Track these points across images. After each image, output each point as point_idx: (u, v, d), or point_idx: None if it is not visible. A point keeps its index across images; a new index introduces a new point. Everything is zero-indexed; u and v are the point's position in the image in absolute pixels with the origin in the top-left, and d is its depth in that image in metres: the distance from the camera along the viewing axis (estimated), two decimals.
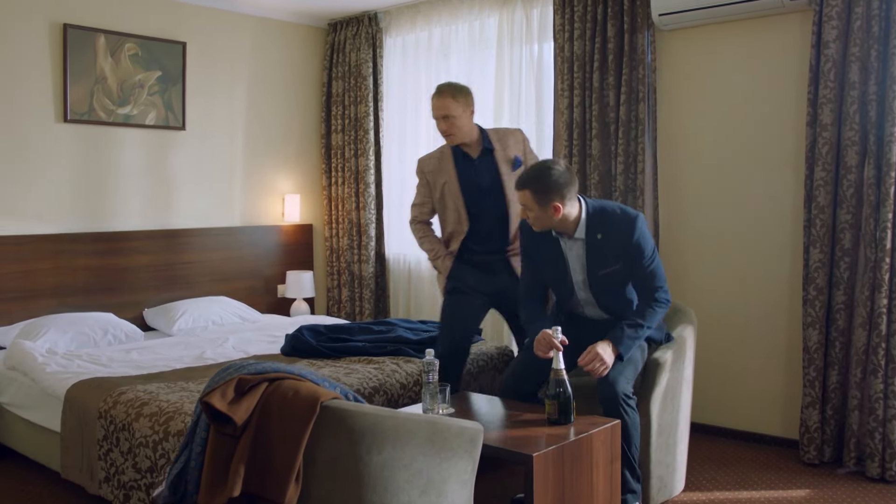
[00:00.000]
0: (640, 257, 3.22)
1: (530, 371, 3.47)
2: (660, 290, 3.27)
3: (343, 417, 2.14)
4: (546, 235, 3.32)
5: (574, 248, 3.30)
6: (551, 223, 3.21)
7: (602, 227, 3.24)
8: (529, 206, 3.18)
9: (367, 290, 5.98)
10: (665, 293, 3.29)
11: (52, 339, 4.39)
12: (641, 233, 3.21)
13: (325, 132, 6.22)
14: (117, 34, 5.04)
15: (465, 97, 3.74)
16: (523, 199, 3.19)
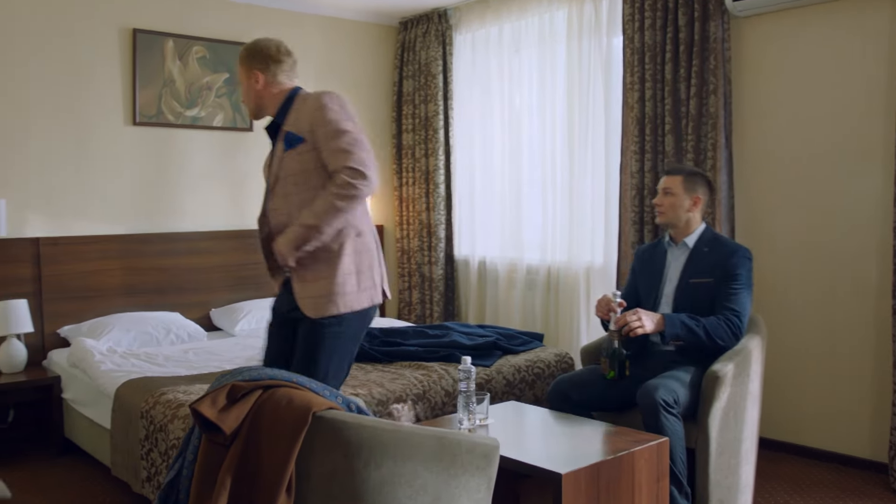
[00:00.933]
0: (732, 279, 3.28)
1: (585, 384, 3.35)
2: (735, 314, 3.26)
3: (338, 429, 2.01)
4: (657, 247, 3.56)
5: (678, 256, 3.46)
6: (679, 216, 3.41)
7: (711, 244, 3.41)
8: (674, 190, 3.40)
9: (437, 293, 5.87)
10: (739, 321, 3.26)
11: (115, 338, 4.47)
12: (743, 261, 3.31)
13: (396, 132, 6.15)
14: (185, 37, 5.10)
15: (249, 60, 2.85)
16: (669, 183, 3.41)
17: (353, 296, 2.72)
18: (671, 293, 3.44)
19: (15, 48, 4.54)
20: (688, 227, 3.44)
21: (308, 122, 2.72)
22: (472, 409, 3.04)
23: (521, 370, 3.99)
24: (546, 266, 5.23)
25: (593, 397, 3.34)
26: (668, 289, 3.46)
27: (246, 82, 2.89)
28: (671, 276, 3.46)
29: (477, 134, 5.72)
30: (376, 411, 3.40)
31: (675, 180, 3.42)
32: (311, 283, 2.73)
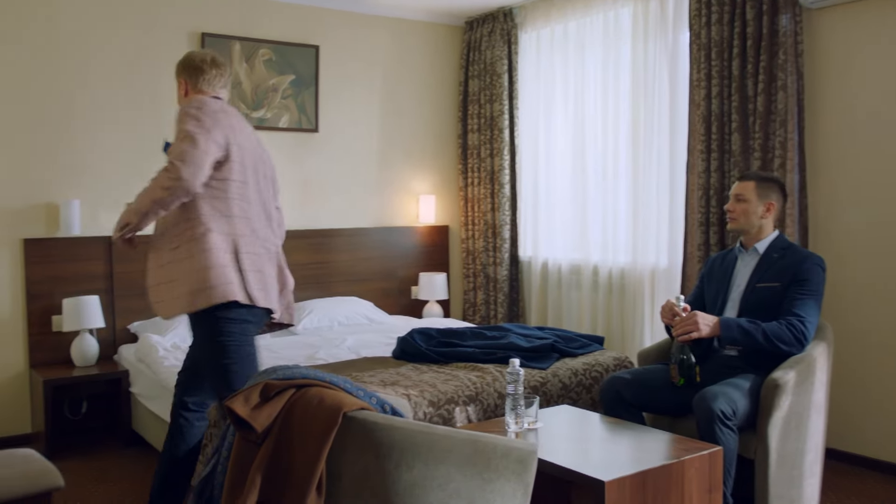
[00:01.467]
0: (800, 285, 3.18)
1: (640, 383, 3.28)
2: (800, 319, 3.13)
3: (369, 430, 2.00)
4: (728, 254, 3.49)
5: (748, 262, 3.38)
6: (751, 222, 3.34)
7: (783, 251, 3.31)
8: (747, 196, 3.32)
9: (501, 294, 5.83)
10: (803, 326, 3.13)
11: (181, 334, 4.57)
12: (814, 268, 3.21)
13: (461, 132, 6.13)
14: (252, 40, 5.19)
15: (178, 69, 3.01)
16: (742, 189, 3.34)
17: (221, 288, 2.76)
18: (737, 298, 3.35)
19: (88, 52, 4.70)
20: (760, 233, 3.37)
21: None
22: (521, 411, 2.99)
23: (577, 373, 3.91)
24: (609, 268, 5.13)
25: (647, 398, 3.27)
26: (734, 294, 3.38)
27: (177, 90, 3.02)
28: (738, 282, 3.38)
29: (541, 133, 5.65)
30: (427, 413, 3.38)
31: (748, 186, 3.35)
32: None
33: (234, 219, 2.80)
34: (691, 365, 3.16)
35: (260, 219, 2.91)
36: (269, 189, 3.03)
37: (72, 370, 4.44)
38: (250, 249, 2.82)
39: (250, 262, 2.82)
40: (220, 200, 2.78)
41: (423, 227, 6.07)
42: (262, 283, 2.84)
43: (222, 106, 2.88)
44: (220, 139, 2.74)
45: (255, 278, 2.81)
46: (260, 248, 2.88)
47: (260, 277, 2.83)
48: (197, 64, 2.94)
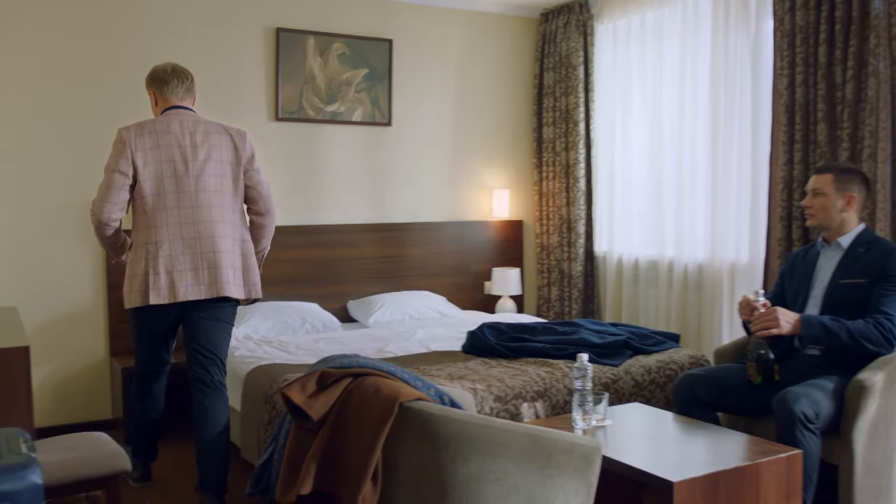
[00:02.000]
0: (888, 281, 3.02)
1: (715, 382, 3.16)
2: (888, 317, 2.96)
3: (425, 421, 1.96)
4: (810, 250, 3.35)
5: (831, 257, 3.23)
6: (831, 217, 3.19)
7: (869, 245, 3.16)
8: (824, 190, 3.17)
9: (576, 290, 5.72)
10: (892, 325, 2.96)
11: (254, 325, 4.63)
12: None
13: (536, 125, 6.04)
14: (326, 35, 5.22)
15: (146, 81, 3.51)
16: (819, 183, 3.20)
17: (125, 294, 3.26)
18: (820, 295, 3.20)
19: (163, 49, 4.80)
20: (842, 227, 3.21)
21: None
22: (588, 408, 2.92)
23: (651, 371, 3.80)
24: (686, 263, 4.97)
25: (722, 397, 3.14)
26: (816, 290, 3.23)
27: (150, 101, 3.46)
28: (821, 278, 3.24)
29: (618, 126, 5.52)
30: (493, 408, 3.32)
31: (825, 179, 3.20)
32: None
33: (150, 229, 3.21)
34: (770, 362, 3.02)
35: (186, 217, 3.23)
36: (218, 173, 3.31)
37: None
38: (164, 252, 3.19)
39: (161, 263, 3.19)
40: (139, 215, 3.25)
41: (497, 222, 6.00)
42: (169, 280, 3.19)
43: (162, 128, 3.26)
44: (125, 168, 3.17)
45: (159, 280, 3.18)
46: (178, 248, 3.21)
47: (167, 277, 3.19)
48: (160, 75, 3.37)
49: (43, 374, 4.58)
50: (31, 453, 2.05)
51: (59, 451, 2.62)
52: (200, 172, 3.26)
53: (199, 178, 3.26)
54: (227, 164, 3.34)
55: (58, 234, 4.60)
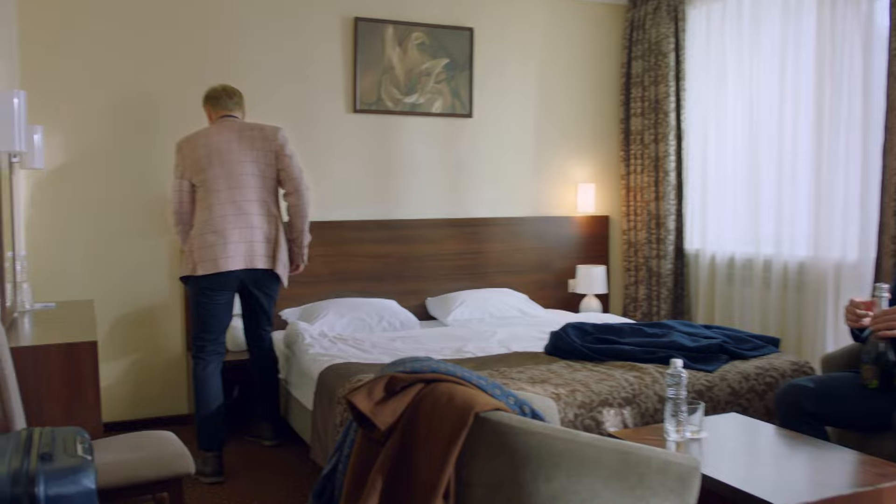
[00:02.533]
0: None
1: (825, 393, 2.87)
2: None
3: (503, 433, 1.77)
4: None
5: None
6: None
7: None
8: None
9: (665, 289, 5.43)
10: None
11: (329, 322, 4.52)
12: None
13: (623, 116, 5.77)
14: (405, 24, 5.07)
15: (204, 103, 4.15)
16: None
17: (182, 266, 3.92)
18: None
19: (242, 39, 4.73)
20: None
21: None
22: (683, 418, 2.68)
23: (749, 378, 3.52)
24: (785, 262, 4.64)
25: (833, 410, 2.84)
26: None
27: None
28: None
29: (711, 116, 5.21)
30: (577, 415, 3.11)
31: None
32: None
33: (204, 211, 3.83)
34: (890, 365, 2.72)
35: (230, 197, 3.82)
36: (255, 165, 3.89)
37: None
38: (206, 230, 3.78)
39: (203, 244, 3.78)
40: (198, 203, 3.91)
41: (582, 217, 5.76)
42: (212, 254, 3.77)
43: (209, 133, 3.90)
44: (186, 172, 3.88)
45: (201, 254, 3.77)
46: (219, 237, 3.78)
47: (208, 251, 3.77)
48: (211, 94, 4.06)
49: (120, 367, 4.58)
50: (87, 455, 1.95)
51: (122, 451, 2.54)
52: (238, 160, 3.85)
53: (237, 165, 3.84)
54: (259, 154, 3.90)
55: (137, 228, 4.58)
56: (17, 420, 2.31)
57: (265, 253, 3.86)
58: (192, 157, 3.84)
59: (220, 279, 3.80)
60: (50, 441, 1.99)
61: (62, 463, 1.88)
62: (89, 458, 1.94)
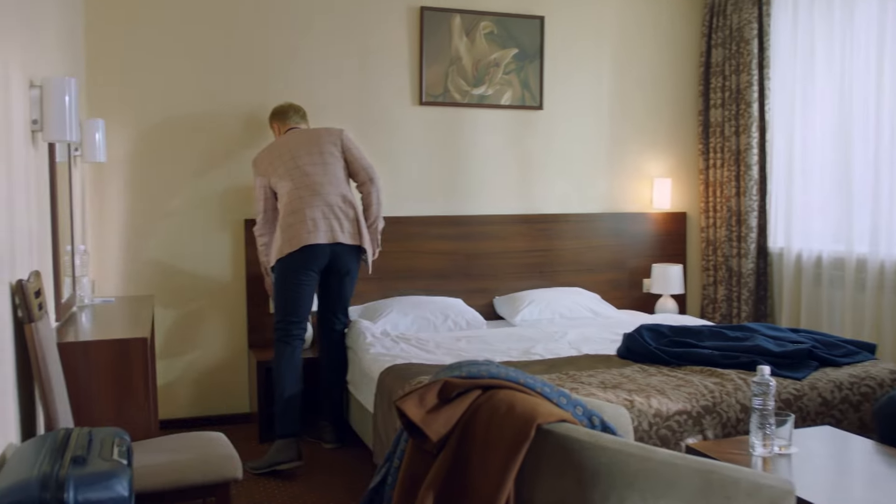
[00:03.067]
0: None
1: None
2: None
3: (570, 449, 1.58)
4: None
5: None
6: None
7: None
8: None
9: (746, 290, 5.12)
10: None
11: (393, 321, 4.39)
12: None
13: (702, 108, 5.47)
14: (473, 13, 4.90)
15: (271, 120, 4.41)
16: None
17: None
18: None
19: (305, 28, 4.63)
20: None
21: None
22: (770, 431, 2.44)
23: (842, 388, 3.23)
24: (882, 261, 4.29)
25: None
26: None
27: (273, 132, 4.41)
28: None
29: (797, 106, 4.88)
30: (652, 424, 2.89)
31: None
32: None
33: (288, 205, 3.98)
34: None
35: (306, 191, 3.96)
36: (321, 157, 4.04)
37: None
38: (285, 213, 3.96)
39: (286, 226, 3.93)
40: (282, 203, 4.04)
41: (658, 214, 5.49)
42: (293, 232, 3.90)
43: (279, 142, 4.12)
44: (263, 180, 4.08)
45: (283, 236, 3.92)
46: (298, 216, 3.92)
47: (289, 231, 3.91)
48: (279, 111, 4.33)
49: (182, 364, 4.53)
50: (123, 459, 1.84)
51: (169, 452, 2.43)
52: (309, 153, 4.01)
53: (309, 157, 4.00)
54: (327, 147, 4.05)
55: (201, 223, 4.53)
56: (61, 419, 2.22)
57: (349, 230, 3.94)
58: (268, 162, 4.03)
59: (303, 256, 3.86)
60: (86, 443, 1.88)
61: (95, 467, 1.76)
62: (125, 462, 1.83)
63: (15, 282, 2.16)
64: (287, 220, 3.90)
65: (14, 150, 2.29)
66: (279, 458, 3.78)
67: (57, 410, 2.20)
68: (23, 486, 1.68)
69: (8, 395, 2.10)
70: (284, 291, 3.93)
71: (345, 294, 4.10)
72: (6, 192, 2.15)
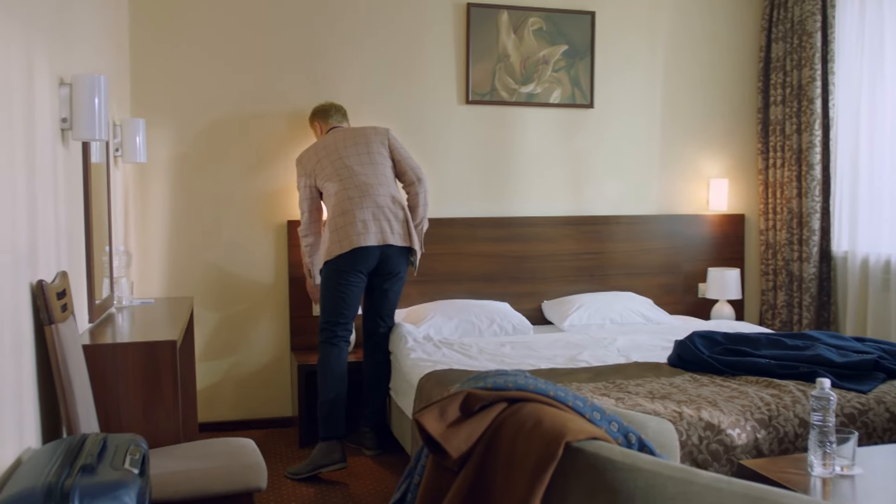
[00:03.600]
0: None
1: None
2: None
3: (602, 469, 1.44)
4: None
5: None
6: None
7: None
8: None
9: (808, 296, 4.88)
10: None
11: (436, 325, 4.28)
12: None
13: (761, 105, 5.24)
14: (521, 9, 4.76)
15: (313, 119, 4.34)
16: None
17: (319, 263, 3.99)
18: None
19: (351, 27, 4.56)
20: None
21: None
22: (830, 450, 2.25)
23: None
24: None
25: None
26: None
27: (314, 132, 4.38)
28: None
29: (864, 102, 4.63)
30: (702, 438, 2.72)
31: None
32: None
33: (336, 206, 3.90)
34: None
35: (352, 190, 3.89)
36: (370, 157, 3.99)
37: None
38: (334, 214, 3.87)
39: (335, 227, 3.85)
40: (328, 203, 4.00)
41: (714, 216, 5.28)
42: (344, 234, 3.83)
43: (323, 141, 4.06)
44: (309, 180, 4.01)
45: (333, 238, 3.84)
46: (348, 217, 3.84)
47: (339, 233, 3.82)
48: (321, 110, 4.28)
49: (224, 366, 4.49)
50: (134, 469, 1.76)
51: (193, 459, 2.36)
52: (356, 153, 3.95)
53: (356, 157, 3.95)
54: (375, 146, 4.00)
55: (243, 226, 4.49)
56: (82, 422, 2.16)
57: (399, 231, 3.88)
58: (314, 161, 3.96)
59: (353, 257, 3.79)
60: (98, 450, 1.81)
61: (103, 477, 1.69)
62: (136, 471, 1.75)
63: (36, 282, 2.11)
64: (336, 221, 3.82)
65: (38, 148, 2.24)
66: (323, 461, 3.71)
67: (78, 413, 2.14)
68: (27, 494, 1.62)
69: (27, 398, 2.05)
70: (332, 293, 3.85)
71: (392, 297, 4.01)
72: (27, 192, 2.10)
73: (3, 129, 1.91)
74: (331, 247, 3.81)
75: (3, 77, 1.92)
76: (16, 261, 1.98)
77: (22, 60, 2.10)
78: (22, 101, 2.09)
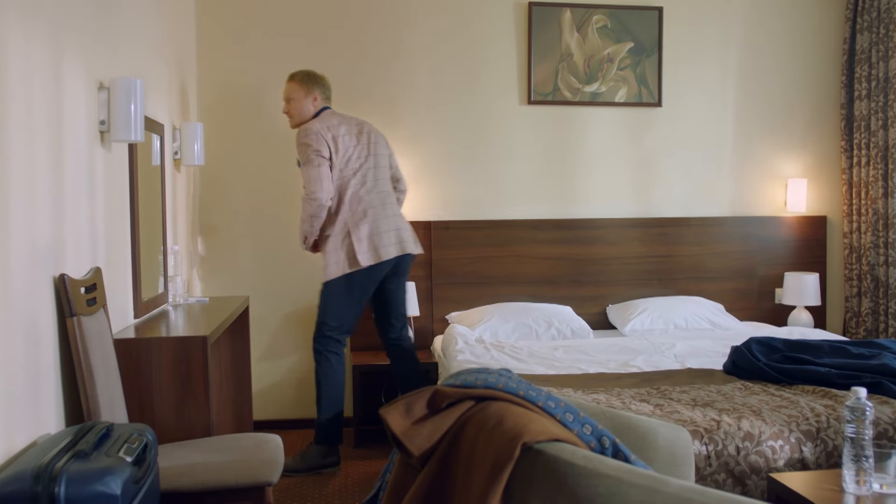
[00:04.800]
0: None
1: None
2: None
3: (563, 473, 1.38)
4: None
5: None
6: None
7: None
8: None
9: (894, 303, 4.59)
10: None
11: (493, 328, 4.24)
12: None
13: (845, 100, 4.97)
14: (584, 6, 4.67)
15: (311, 87, 3.89)
16: None
17: (331, 268, 3.76)
18: None
19: (409, 27, 4.58)
20: None
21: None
22: (867, 466, 2.11)
23: None
24: None
25: None
26: None
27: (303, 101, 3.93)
28: None
29: None
30: (740, 448, 2.58)
31: None
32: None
33: (344, 203, 3.78)
34: None
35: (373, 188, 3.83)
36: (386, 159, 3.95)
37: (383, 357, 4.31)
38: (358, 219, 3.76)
39: (361, 236, 3.74)
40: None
41: (793, 218, 5.03)
42: (367, 244, 3.74)
43: (347, 116, 3.89)
44: (325, 152, 3.70)
45: (360, 246, 3.72)
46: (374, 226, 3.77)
47: (366, 242, 3.73)
48: (323, 81, 3.95)
49: (286, 366, 4.58)
50: (128, 457, 1.81)
51: (212, 452, 2.41)
52: (377, 154, 3.90)
53: (379, 158, 3.90)
54: (384, 149, 3.96)
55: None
56: (104, 412, 2.24)
57: (412, 238, 3.89)
58: (340, 135, 3.75)
59: (376, 270, 3.76)
60: (97, 438, 1.87)
61: (94, 464, 1.75)
62: (129, 459, 1.80)
63: (58, 276, 2.20)
64: (360, 231, 3.72)
65: (67, 149, 2.33)
66: (324, 462, 3.79)
67: (99, 403, 2.22)
68: (18, 476, 1.69)
69: (47, 386, 2.13)
70: (351, 302, 3.78)
71: (401, 297, 3.96)
72: (51, 190, 2.19)
73: (21, 132, 2.00)
74: (351, 260, 3.70)
75: (23, 79, 2.01)
76: (34, 255, 2.07)
77: (47, 63, 2.19)
78: (46, 104, 2.18)
